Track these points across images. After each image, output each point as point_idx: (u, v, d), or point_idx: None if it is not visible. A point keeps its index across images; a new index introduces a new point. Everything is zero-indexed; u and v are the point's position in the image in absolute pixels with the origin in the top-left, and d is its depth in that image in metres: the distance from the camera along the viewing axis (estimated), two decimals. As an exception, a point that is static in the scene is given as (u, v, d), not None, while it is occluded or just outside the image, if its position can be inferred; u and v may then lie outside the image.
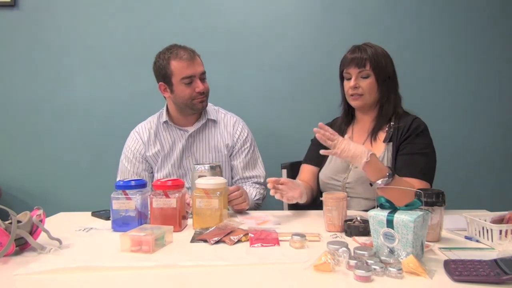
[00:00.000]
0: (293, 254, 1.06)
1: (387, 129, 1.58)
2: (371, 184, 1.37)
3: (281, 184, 1.44)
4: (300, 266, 0.95)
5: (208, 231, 1.22)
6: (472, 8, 2.25)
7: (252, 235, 1.18)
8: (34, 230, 1.11)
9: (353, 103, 1.60)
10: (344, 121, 1.70)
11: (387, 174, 1.33)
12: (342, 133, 1.68)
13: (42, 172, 2.38)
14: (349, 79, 1.57)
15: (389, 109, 1.59)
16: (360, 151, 1.33)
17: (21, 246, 1.09)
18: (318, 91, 2.28)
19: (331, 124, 1.77)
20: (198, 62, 1.75)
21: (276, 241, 1.14)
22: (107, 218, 1.42)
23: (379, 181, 1.33)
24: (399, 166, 1.49)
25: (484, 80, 2.27)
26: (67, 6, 2.34)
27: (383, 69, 1.55)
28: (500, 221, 1.12)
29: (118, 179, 1.81)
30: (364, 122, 1.65)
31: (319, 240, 1.17)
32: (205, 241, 1.16)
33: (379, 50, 1.57)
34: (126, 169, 1.83)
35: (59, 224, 1.41)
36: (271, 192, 1.39)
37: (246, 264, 0.99)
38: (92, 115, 2.36)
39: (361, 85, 1.55)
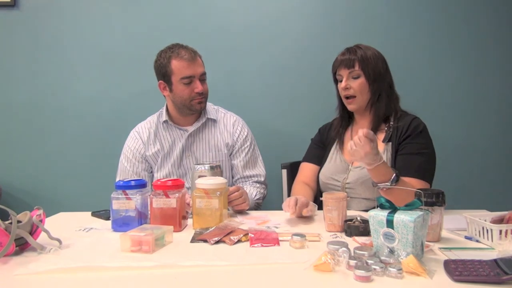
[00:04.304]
0: (293, 254, 1.06)
1: (386, 129, 1.58)
2: (373, 184, 1.35)
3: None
4: (300, 266, 0.95)
5: (208, 231, 1.22)
6: (472, 7, 2.25)
7: (252, 235, 1.18)
8: (34, 230, 1.11)
9: (349, 107, 1.62)
10: (342, 123, 1.70)
11: (391, 179, 1.32)
12: (341, 134, 1.69)
13: (42, 172, 2.38)
14: (341, 81, 1.59)
15: (380, 108, 1.59)
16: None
17: (21, 246, 1.09)
18: (318, 90, 2.28)
19: (330, 125, 1.78)
20: (199, 63, 1.75)
21: (276, 241, 1.14)
22: (107, 218, 1.42)
23: (382, 185, 1.31)
24: (398, 166, 1.49)
25: (484, 79, 2.27)
26: (67, 6, 2.34)
27: (372, 68, 1.56)
28: (500, 221, 1.12)
29: (117, 179, 1.81)
30: (362, 123, 1.65)
31: (319, 240, 1.16)
32: (205, 241, 1.16)
33: (369, 51, 1.58)
34: (126, 169, 1.83)
35: (59, 224, 1.42)
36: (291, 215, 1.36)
37: (246, 264, 0.99)
38: (92, 115, 2.36)
39: (352, 86, 1.56)
